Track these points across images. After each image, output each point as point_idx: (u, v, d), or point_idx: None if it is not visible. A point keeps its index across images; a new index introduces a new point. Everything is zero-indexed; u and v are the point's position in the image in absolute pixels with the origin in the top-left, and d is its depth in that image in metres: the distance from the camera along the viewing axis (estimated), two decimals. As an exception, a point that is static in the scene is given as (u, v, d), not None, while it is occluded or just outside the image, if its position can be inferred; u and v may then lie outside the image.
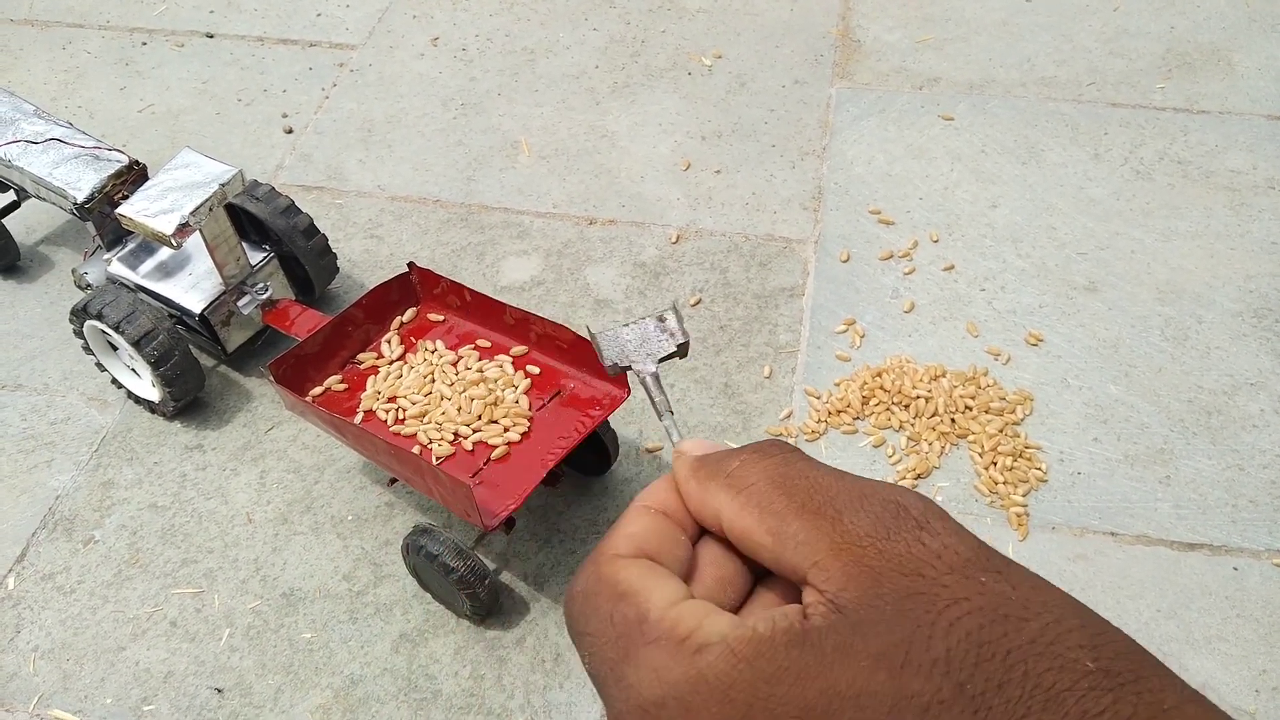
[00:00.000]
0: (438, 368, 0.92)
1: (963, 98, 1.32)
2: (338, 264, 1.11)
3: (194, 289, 1.02)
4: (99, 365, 1.04)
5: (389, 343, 0.95)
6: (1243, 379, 1.00)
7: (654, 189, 1.24)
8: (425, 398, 0.90)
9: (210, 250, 0.98)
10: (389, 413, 0.90)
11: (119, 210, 0.95)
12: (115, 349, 1.03)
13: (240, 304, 1.02)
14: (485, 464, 0.85)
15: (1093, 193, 1.19)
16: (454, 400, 0.89)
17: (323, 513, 0.95)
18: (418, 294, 0.97)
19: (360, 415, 0.90)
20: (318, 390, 0.92)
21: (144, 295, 1.03)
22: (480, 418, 0.88)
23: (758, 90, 1.36)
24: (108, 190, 1.01)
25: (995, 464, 0.94)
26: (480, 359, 0.93)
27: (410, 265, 0.96)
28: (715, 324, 1.08)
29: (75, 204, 1.01)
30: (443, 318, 0.96)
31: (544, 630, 0.86)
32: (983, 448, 0.95)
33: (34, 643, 0.88)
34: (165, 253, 1.05)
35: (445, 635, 0.86)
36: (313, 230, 1.05)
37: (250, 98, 1.40)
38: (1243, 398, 0.98)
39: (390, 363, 0.94)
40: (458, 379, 0.91)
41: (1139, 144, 1.25)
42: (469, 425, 0.87)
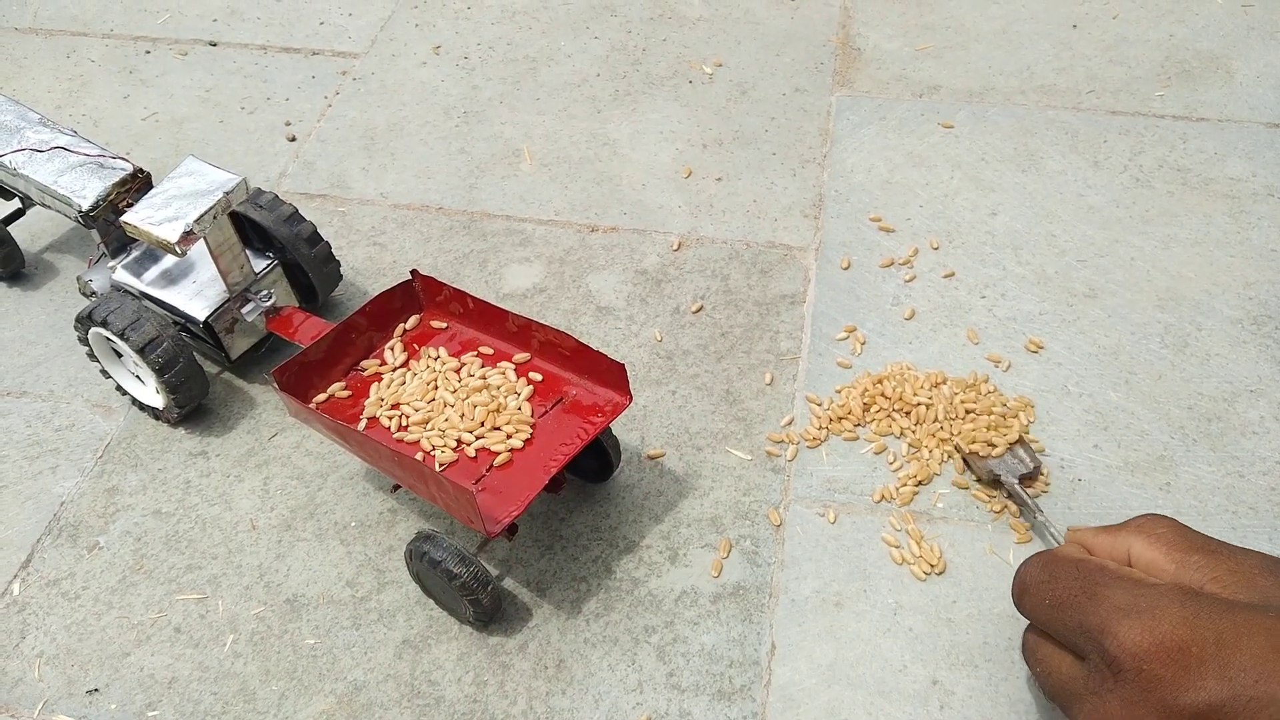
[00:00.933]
0: (440, 375, 0.92)
1: (962, 105, 1.33)
2: (341, 271, 1.11)
3: (198, 296, 1.02)
4: (103, 372, 1.04)
5: (392, 350, 0.95)
6: (1242, 386, 1.00)
7: (655, 197, 1.24)
8: (428, 404, 0.90)
9: (214, 258, 0.98)
10: (392, 419, 0.90)
11: (123, 218, 0.96)
12: (120, 356, 1.03)
13: (244, 311, 1.02)
14: (488, 471, 0.86)
15: (1092, 200, 1.20)
16: (457, 407, 0.90)
17: (326, 519, 0.96)
18: (421, 301, 0.98)
19: (363, 422, 0.91)
20: (321, 397, 0.93)
21: (148, 302, 1.03)
22: (483, 424, 0.88)
23: (758, 98, 1.37)
24: (112, 198, 1.02)
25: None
26: (483, 366, 0.93)
27: (413, 273, 0.96)
28: (717, 331, 1.08)
29: (80, 212, 1.01)
30: (446, 325, 0.97)
31: (546, 636, 0.86)
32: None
33: (39, 648, 0.88)
34: (169, 260, 1.05)
35: (448, 641, 0.87)
36: (316, 238, 1.06)
37: (253, 106, 1.40)
38: (1242, 404, 0.99)
39: (393, 370, 0.94)
40: (460, 386, 0.91)
41: (1138, 151, 1.25)
42: (472, 432, 0.88)
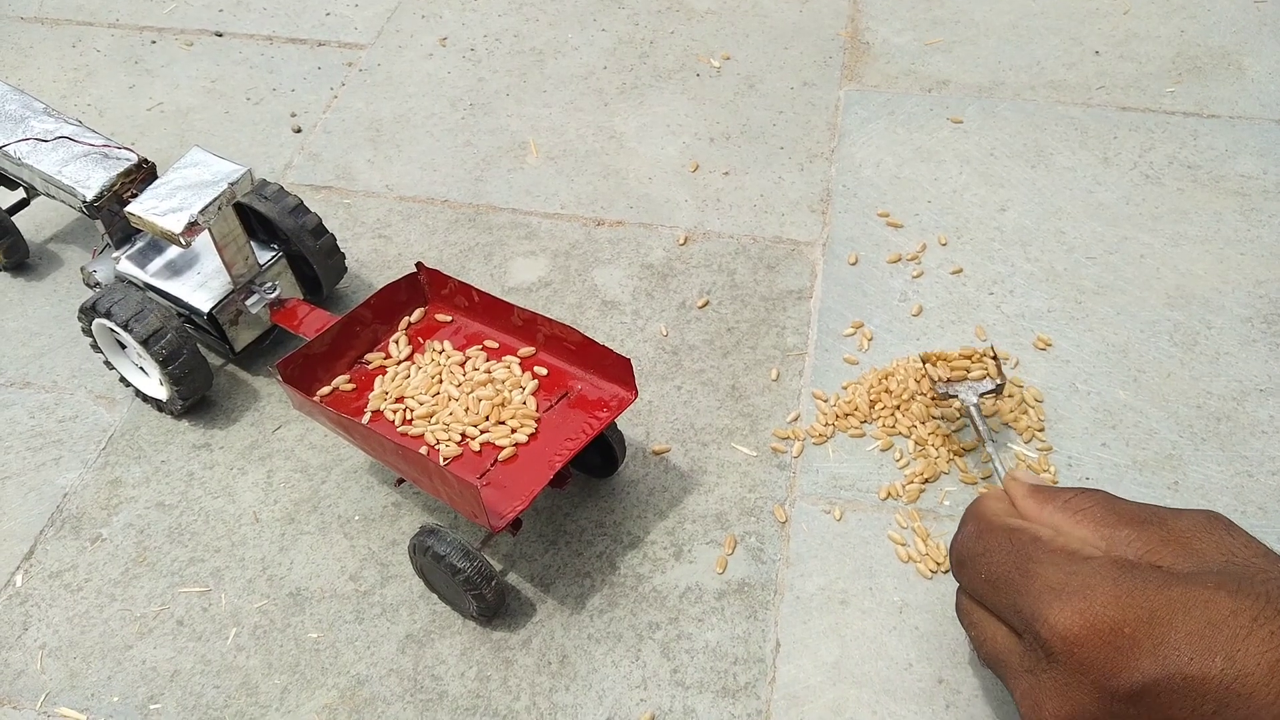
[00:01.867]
0: (445, 368, 0.92)
1: (972, 101, 1.32)
2: (346, 263, 1.11)
3: (202, 288, 1.02)
4: (107, 363, 1.04)
5: (397, 343, 0.95)
6: (1252, 385, 1.00)
7: (662, 190, 1.24)
8: (433, 398, 0.90)
9: (219, 249, 0.98)
10: (396, 413, 0.90)
11: (128, 208, 0.95)
12: (123, 347, 1.03)
13: (249, 303, 1.02)
14: (492, 465, 0.86)
15: (1102, 197, 1.19)
16: (461, 401, 0.89)
17: (330, 512, 0.95)
18: (426, 294, 0.97)
19: (368, 415, 0.90)
20: (325, 390, 0.92)
21: (152, 294, 1.03)
22: (488, 419, 0.88)
23: (766, 92, 1.36)
24: (117, 188, 1.01)
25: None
26: (488, 360, 0.93)
27: (418, 265, 0.96)
28: (723, 326, 1.08)
29: (84, 202, 1.01)
30: (451, 318, 0.96)
31: (550, 632, 0.86)
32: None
33: (41, 640, 0.88)
34: (174, 251, 1.05)
35: (451, 636, 0.86)
36: (321, 230, 1.05)
37: (259, 97, 1.40)
38: (1252, 404, 0.98)
39: (398, 363, 0.94)
40: (465, 380, 0.91)
41: (1148, 148, 1.24)
42: (476, 426, 0.88)
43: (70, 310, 1.14)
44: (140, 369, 1.03)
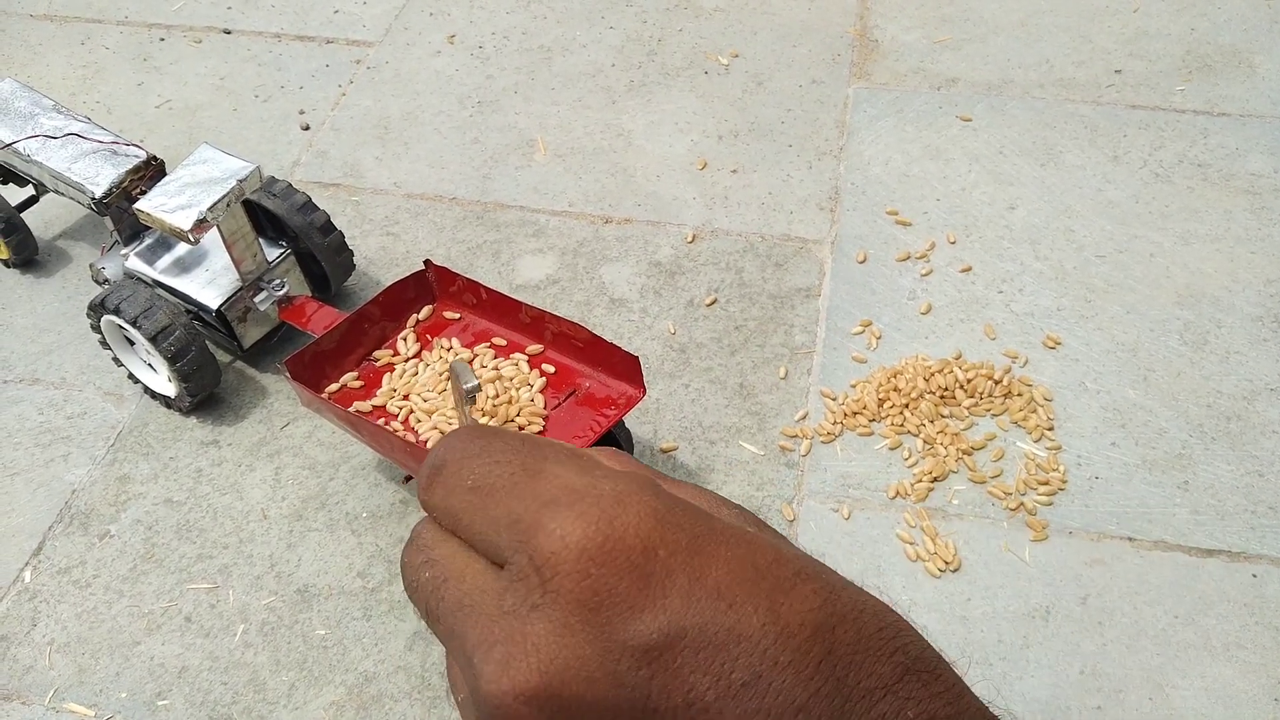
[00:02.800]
0: (453, 366, 0.92)
1: (981, 98, 1.32)
2: (354, 261, 1.11)
3: (211, 285, 1.02)
4: (116, 360, 1.04)
5: (405, 340, 0.95)
6: (1262, 384, 0.99)
7: (670, 188, 1.23)
8: (440, 395, 0.90)
9: (227, 246, 0.98)
10: (403, 410, 0.90)
11: (137, 205, 0.95)
12: (132, 344, 1.03)
13: (257, 300, 1.02)
14: (500, 462, 0.85)
15: (1111, 195, 1.19)
16: (469, 398, 0.89)
17: (337, 509, 0.95)
18: (434, 292, 0.97)
19: (368, 404, 0.90)
20: (333, 387, 0.92)
21: (161, 290, 1.03)
22: (495, 416, 0.88)
23: (775, 90, 1.35)
24: (126, 185, 1.02)
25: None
26: (496, 357, 0.93)
27: (426, 263, 0.96)
28: (731, 324, 1.08)
29: (93, 199, 1.01)
30: (458, 315, 0.96)
31: (558, 629, 0.86)
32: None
33: (50, 636, 0.88)
34: (182, 248, 1.05)
35: (459, 633, 0.86)
36: (329, 227, 1.05)
37: (267, 94, 1.40)
38: (1262, 403, 0.98)
39: (406, 360, 0.94)
40: (473, 377, 0.91)
41: (1158, 146, 1.24)
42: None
43: (79, 307, 1.14)
44: (149, 366, 1.03)
